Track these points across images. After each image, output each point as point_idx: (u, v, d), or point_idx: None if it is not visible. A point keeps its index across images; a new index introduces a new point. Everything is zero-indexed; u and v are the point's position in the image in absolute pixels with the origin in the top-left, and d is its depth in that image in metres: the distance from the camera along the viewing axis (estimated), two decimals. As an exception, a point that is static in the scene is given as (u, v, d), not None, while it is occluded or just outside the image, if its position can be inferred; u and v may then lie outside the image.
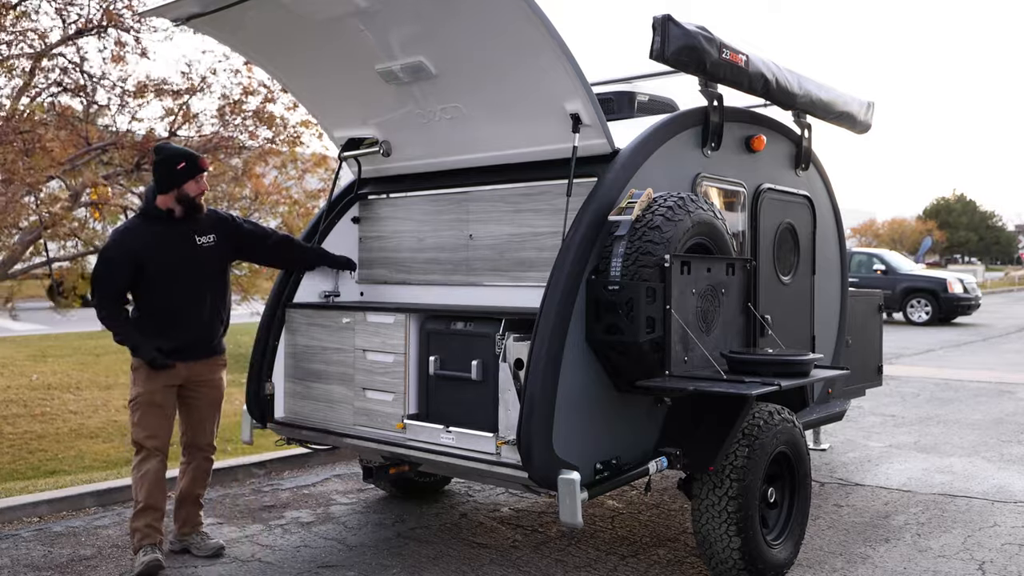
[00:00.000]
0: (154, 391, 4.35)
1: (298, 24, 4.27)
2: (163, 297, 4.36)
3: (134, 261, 4.27)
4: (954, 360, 13.55)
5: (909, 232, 53.04)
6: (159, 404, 4.37)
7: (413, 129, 4.76)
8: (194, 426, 4.59)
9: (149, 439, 4.35)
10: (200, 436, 4.61)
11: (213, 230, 4.52)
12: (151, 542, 4.30)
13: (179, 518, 4.64)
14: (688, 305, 4.05)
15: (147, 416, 4.34)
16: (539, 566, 4.50)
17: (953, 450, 7.22)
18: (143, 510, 4.31)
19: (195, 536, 4.63)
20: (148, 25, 7.57)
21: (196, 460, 4.62)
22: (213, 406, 4.63)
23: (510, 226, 4.69)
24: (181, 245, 4.39)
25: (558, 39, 3.81)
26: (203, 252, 4.46)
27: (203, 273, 4.46)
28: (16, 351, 12.94)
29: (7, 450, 6.79)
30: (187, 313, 4.41)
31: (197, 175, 4.37)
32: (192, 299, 4.42)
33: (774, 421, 4.22)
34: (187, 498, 4.63)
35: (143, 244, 4.31)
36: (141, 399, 4.34)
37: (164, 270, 4.32)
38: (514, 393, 3.91)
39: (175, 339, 4.37)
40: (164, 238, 4.36)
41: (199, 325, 4.46)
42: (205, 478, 4.67)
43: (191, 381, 4.49)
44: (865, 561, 4.60)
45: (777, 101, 5.24)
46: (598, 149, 4.20)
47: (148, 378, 4.34)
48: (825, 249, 5.81)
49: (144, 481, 4.31)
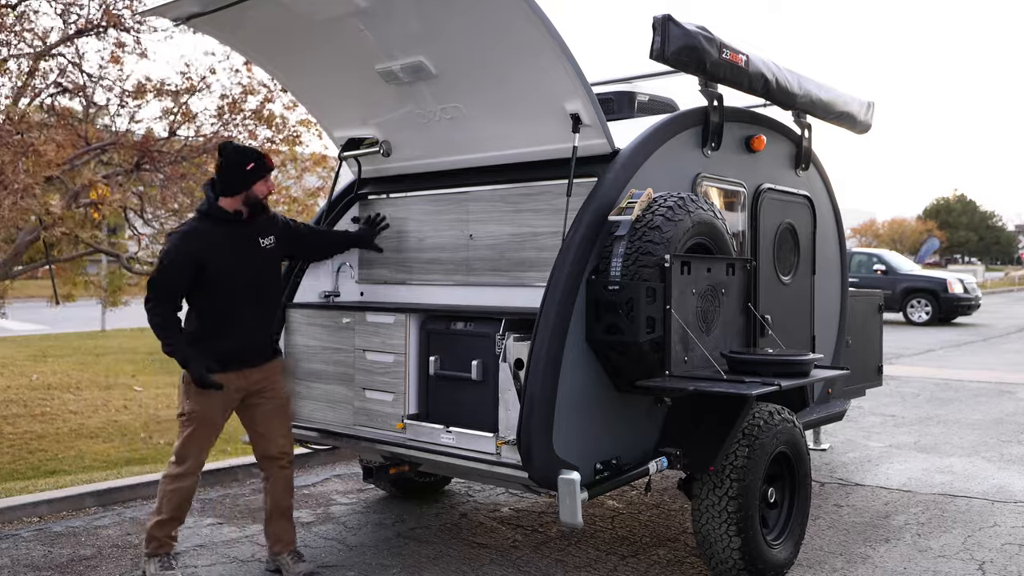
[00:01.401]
0: (209, 408, 4.13)
1: (298, 24, 4.27)
2: (222, 301, 4.12)
3: (196, 264, 4.04)
4: (954, 360, 13.55)
5: (909, 232, 53.05)
6: (213, 421, 4.16)
7: (413, 129, 4.76)
8: (260, 436, 4.33)
9: (196, 458, 4.14)
10: (270, 446, 4.32)
11: (271, 231, 4.33)
12: (167, 550, 4.16)
13: (270, 536, 4.36)
14: (688, 305, 4.05)
15: (197, 434, 4.13)
16: (539, 566, 4.50)
17: (953, 450, 7.22)
18: (166, 521, 4.12)
19: (286, 556, 4.32)
20: (148, 25, 7.57)
21: (272, 471, 4.34)
22: (279, 411, 4.36)
23: (510, 226, 4.69)
24: (245, 248, 4.18)
25: (558, 39, 3.81)
26: (265, 254, 4.27)
27: (263, 276, 4.27)
28: (16, 351, 12.94)
29: (7, 450, 6.79)
30: (245, 318, 4.18)
31: (266, 175, 4.20)
32: (251, 303, 4.20)
33: (774, 421, 4.22)
34: (274, 512, 4.34)
35: (207, 246, 4.08)
36: (196, 416, 4.12)
37: (226, 273, 4.10)
38: (514, 393, 3.91)
39: (232, 345, 4.14)
40: (229, 240, 4.14)
41: (256, 330, 4.25)
42: (288, 487, 4.36)
43: (250, 393, 4.25)
44: (865, 561, 4.60)
45: (777, 101, 5.24)
46: (598, 149, 4.20)
47: (201, 394, 4.10)
48: (825, 249, 5.81)
49: (175, 495, 4.11)
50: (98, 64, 7.76)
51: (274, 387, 4.36)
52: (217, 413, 4.17)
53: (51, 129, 7.06)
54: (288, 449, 4.40)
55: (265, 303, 4.31)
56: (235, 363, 4.15)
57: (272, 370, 4.36)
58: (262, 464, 4.39)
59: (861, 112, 6.09)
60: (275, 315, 4.48)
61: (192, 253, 4.05)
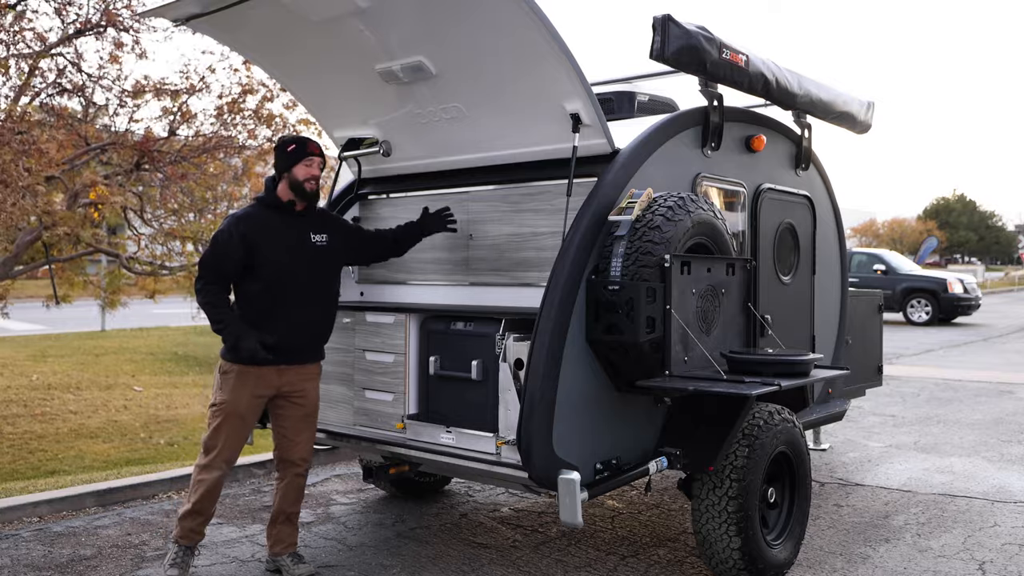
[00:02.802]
0: (240, 400, 4.09)
1: (298, 24, 4.27)
2: (267, 291, 4.11)
3: (246, 245, 4.05)
4: (954, 360, 13.55)
5: (909, 232, 53.09)
6: (242, 415, 4.12)
7: (413, 129, 4.76)
8: (283, 439, 4.29)
9: (223, 450, 4.10)
10: (291, 450, 4.28)
11: (325, 229, 4.30)
12: (189, 542, 4.13)
13: (271, 536, 4.36)
14: (688, 305, 4.05)
15: (227, 426, 4.09)
16: (539, 566, 4.50)
17: (953, 450, 7.22)
18: (192, 513, 4.10)
19: (286, 558, 4.33)
20: (147, 25, 7.58)
21: (288, 476, 4.31)
22: (306, 419, 4.30)
23: (510, 226, 4.69)
24: (295, 240, 4.17)
25: (558, 39, 3.81)
26: (315, 251, 4.23)
27: (312, 274, 4.22)
28: (16, 351, 12.94)
29: (7, 450, 6.79)
30: (289, 312, 4.14)
31: (306, 158, 4.17)
32: (297, 298, 4.15)
33: (774, 421, 4.22)
34: (279, 516, 4.33)
35: (258, 230, 4.10)
36: (226, 407, 4.09)
37: (272, 260, 4.10)
38: (514, 393, 3.91)
39: (272, 336, 4.08)
40: (280, 229, 4.16)
41: (298, 327, 4.18)
42: (298, 495, 4.35)
43: (282, 391, 4.19)
44: (865, 561, 4.60)
45: (777, 101, 5.24)
46: (598, 149, 4.20)
47: (237, 385, 4.08)
48: (825, 249, 5.81)
49: (201, 487, 4.08)
50: (97, 64, 7.77)
51: (306, 392, 4.28)
52: (247, 407, 4.13)
53: (51, 128, 7.06)
54: (308, 457, 4.36)
55: (312, 301, 4.23)
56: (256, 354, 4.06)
57: (309, 374, 4.29)
58: (279, 465, 4.35)
59: (861, 112, 6.09)
60: (326, 316, 4.34)
61: (243, 235, 4.08)
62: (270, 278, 4.11)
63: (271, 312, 4.12)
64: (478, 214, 4.83)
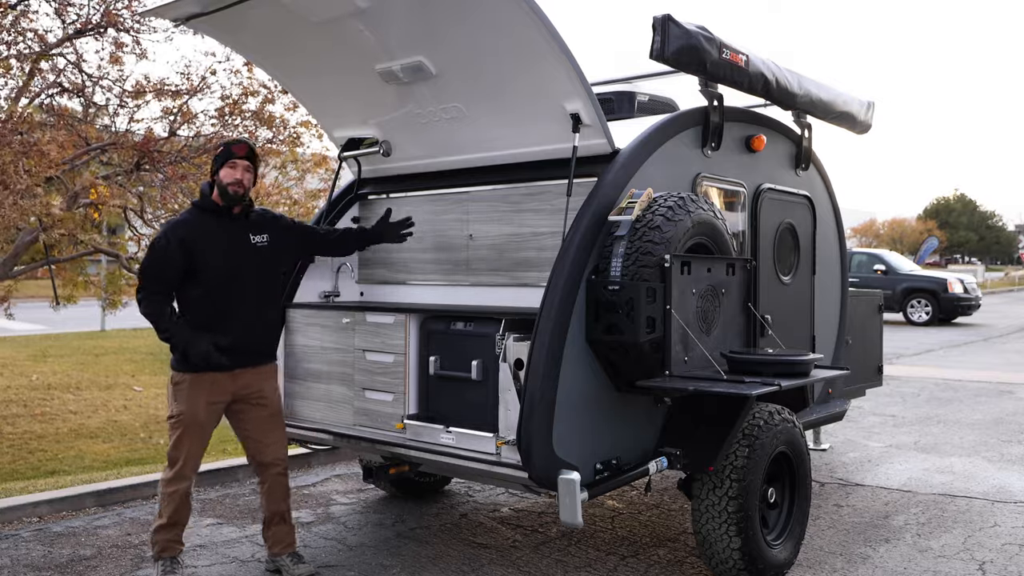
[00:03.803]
0: (197, 409, 4.07)
1: (298, 24, 4.27)
2: (211, 296, 4.07)
3: (185, 251, 4.01)
4: (954, 360, 13.55)
5: (909, 232, 53.12)
6: (201, 424, 4.09)
7: (413, 129, 4.76)
8: (254, 443, 4.27)
9: (188, 461, 4.09)
10: (264, 452, 4.27)
11: (266, 230, 4.26)
12: (171, 555, 4.14)
13: (268, 538, 4.36)
14: (688, 305, 4.04)
15: (188, 437, 4.07)
16: (539, 566, 4.49)
17: (953, 450, 7.22)
18: (167, 526, 4.10)
19: (286, 558, 4.32)
20: (148, 25, 7.57)
21: (267, 478, 4.30)
22: (272, 419, 4.30)
23: (510, 226, 4.69)
24: (234, 242, 4.13)
25: (558, 39, 3.81)
26: (257, 252, 4.20)
27: (254, 274, 4.18)
28: (16, 351, 12.94)
29: (7, 450, 6.79)
30: (234, 315, 4.11)
31: (229, 160, 4.10)
32: (239, 300, 4.13)
33: (774, 421, 4.22)
34: (272, 518, 4.33)
35: (196, 235, 4.05)
36: (184, 418, 4.06)
37: (213, 264, 4.06)
38: (514, 393, 3.91)
39: (225, 338, 4.07)
40: (218, 232, 4.11)
41: (245, 328, 4.15)
42: (284, 493, 4.33)
43: (239, 396, 4.18)
44: (865, 561, 4.60)
45: (777, 101, 5.24)
46: (598, 149, 4.20)
47: (191, 395, 4.05)
48: (825, 249, 5.81)
49: (173, 499, 4.07)
50: (97, 64, 7.76)
51: (265, 393, 4.28)
52: (205, 415, 4.11)
53: (51, 129, 7.05)
54: (283, 455, 4.36)
55: (257, 302, 4.21)
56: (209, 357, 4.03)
57: (265, 374, 4.30)
58: (257, 469, 4.35)
59: (861, 112, 6.09)
60: (271, 317, 4.36)
61: (181, 240, 4.03)
62: (211, 282, 4.08)
63: (218, 316, 4.10)
64: (478, 214, 4.84)
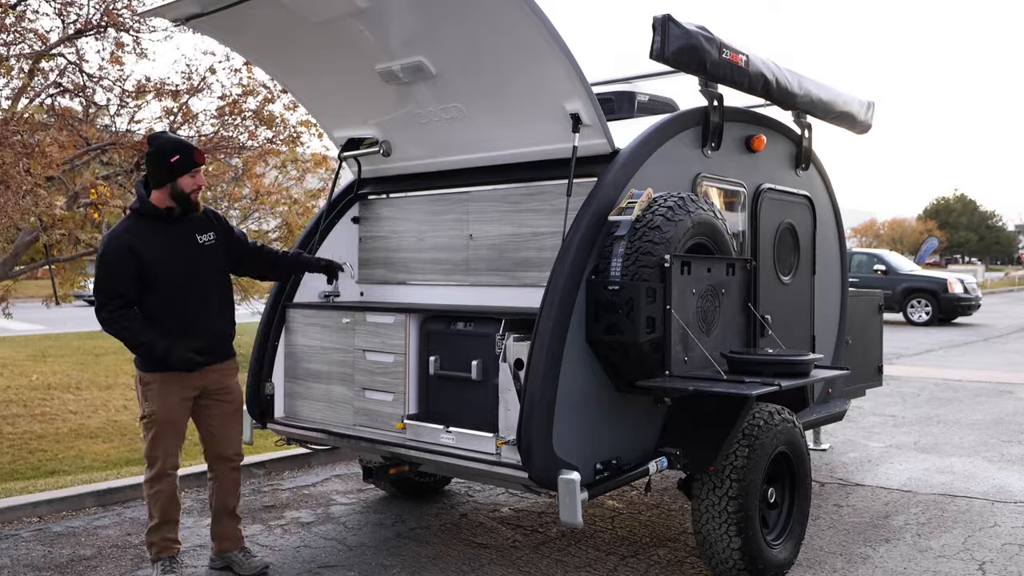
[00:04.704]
0: (170, 407, 4.08)
1: (298, 24, 4.27)
2: (168, 301, 4.05)
3: (136, 262, 3.96)
4: (954, 360, 13.55)
5: (909, 232, 53.15)
6: (174, 421, 4.11)
7: (413, 129, 4.76)
8: (215, 437, 4.29)
9: (166, 458, 4.09)
10: (224, 446, 4.30)
11: (211, 228, 4.23)
12: (169, 554, 4.14)
13: (216, 535, 4.37)
14: (688, 305, 4.05)
15: (163, 435, 4.07)
16: (539, 566, 4.50)
17: (953, 450, 7.22)
18: (159, 526, 4.11)
19: (237, 553, 4.35)
20: (148, 25, 7.57)
21: (222, 472, 4.32)
22: (235, 414, 4.34)
23: (510, 226, 4.69)
24: (182, 245, 4.10)
25: (558, 39, 3.81)
26: (205, 251, 4.17)
27: (207, 274, 4.18)
28: (16, 351, 12.94)
29: (7, 450, 6.79)
30: (195, 317, 4.12)
31: (192, 169, 4.04)
32: (199, 301, 4.13)
33: (774, 421, 4.22)
34: (222, 513, 4.35)
35: (142, 243, 3.99)
36: (157, 416, 4.06)
37: (167, 271, 4.02)
38: (514, 393, 3.91)
39: (186, 344, 4.07)
40: (164, 237, 4.05)
41: (208, 329, 4.17)
42: (236, 488, 4.37)
43: (206, 391, 4.21)
44: (865, 561, 4.60)
45: (777, 101, 5.24)
46: (598, 149, 4.20)
47: (162, 393, 4.06)
48: (825, 249, 5.81)
49: (159, 498, 4.08)
50: (98, 64, 7.77)
51: (231, 388, 4.31)
52: (178, 411, 4.13)
53: (52, 129, 7.06)
54: (240, 450, 4.40)
55: (214, 300, 4.21)
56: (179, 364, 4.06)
57: (229, 370, 4.32)
58: (213, 464, 4.35)
59: (861, 112, 6.09)
60: (226, 313, 4.33)
61: (132, 249, 3.96)
62: (168, 289, 4.05)
63: (182, 320, 4.08)
64: (478, 214, 4.84)
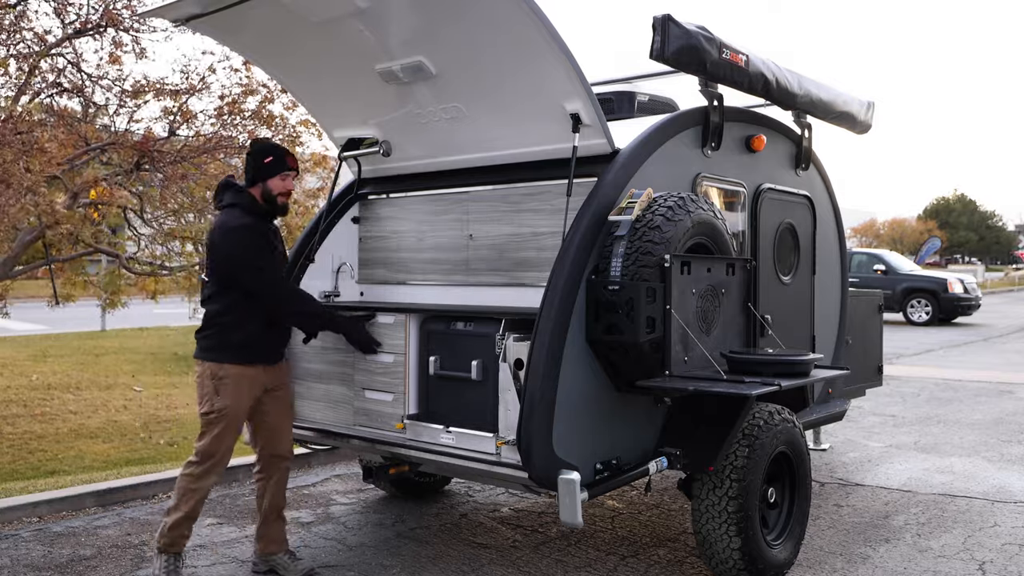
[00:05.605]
0: (242, 404, 4.10)
1: (298, 24, 4.27)
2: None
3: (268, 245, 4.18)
4: (954, 360, 13.55)
5: (909, 232, 53.17)
6: (238, 419, 4.13)
7: (413, 129, 4.76)
8: (274, 434, 4.32)
9: (223, 457, 4.10)
10: (281, 444, 4.34)
11: (279, 240, 4.40)
12: (176, 550, 4.10)
13: (262, 536, 4.35)
14: (688, 305, 4.04)
15: (228, 431, 4.08)
16: (539, 566, 4.49)
17: (953, 450, 7.22)
18: (183, 520, 4.06)
19: (283, 556, 4.34)
20: (147, 25, 7.57)
21: (277, 472, 4.34)
22: (289, 410, 4.44)
23: (510, 226, 4.69)
24: (275, 240, 4.30)
25: (558, 39, 3.81)
26: (284, 257, 4.43)
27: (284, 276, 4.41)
28: (16, 351, 12.94)
29: (7, 450, 6.79)
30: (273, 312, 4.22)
31: (282, 172, 4.21)
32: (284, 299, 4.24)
33: (774, 421, 4.22)
34: (271, 514, 4.34)
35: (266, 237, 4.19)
36: (228, 412, 4.06)
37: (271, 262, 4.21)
38: (514, 393, 3.91)
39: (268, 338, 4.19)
40: (268, 235, 4.23)
41: (281, 325, 4.30)
42: (285, 487, 4.40)
43: (269, 389, 4.25)
44: (865, 561, 4.60)
45: (777, 101, 5.24)
46: (598, 149, 4.20)
47: (236, 389, 4.07)
48: (825, 249, 5.81)
49: (196, 494, 4.06)
50: (97, 64, 7.76)
51: (287, 384, 4.43)
52: (246, 409, 4.16)
53: (52, 128, 7.05)
54: (292, 448, 4.48)
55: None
56: (267, 356, 4.20)
57: (286, 368, 4.45)
58: (267, 463, 4.35)
59: (861, 112, 6.09)
60: None
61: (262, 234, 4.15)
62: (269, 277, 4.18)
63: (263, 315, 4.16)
64: (478, 214, 4.84)
